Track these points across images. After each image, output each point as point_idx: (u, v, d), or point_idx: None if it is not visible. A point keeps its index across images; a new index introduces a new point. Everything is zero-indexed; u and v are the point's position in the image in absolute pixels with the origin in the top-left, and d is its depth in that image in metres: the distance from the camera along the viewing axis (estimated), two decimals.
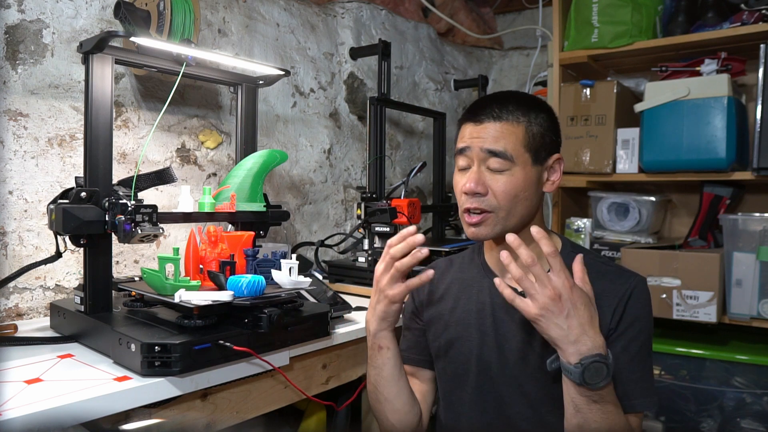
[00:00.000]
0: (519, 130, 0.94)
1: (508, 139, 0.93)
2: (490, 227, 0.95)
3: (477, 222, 0.95)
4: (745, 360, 1.65)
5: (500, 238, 0.95)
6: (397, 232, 1.62)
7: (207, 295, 0.93)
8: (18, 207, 1.21)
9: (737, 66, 1.80)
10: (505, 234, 0.92)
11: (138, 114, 1.41)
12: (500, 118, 0.94)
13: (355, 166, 2.11)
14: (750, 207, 1.98)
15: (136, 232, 1.01)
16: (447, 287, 1.08)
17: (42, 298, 1.25)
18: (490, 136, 0.94)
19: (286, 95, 1.83)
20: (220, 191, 1.25)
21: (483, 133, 0.94)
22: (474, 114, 0.97)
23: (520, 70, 2.83)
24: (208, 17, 1.58)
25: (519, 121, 0.94)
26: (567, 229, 2.03)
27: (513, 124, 0.94)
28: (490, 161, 0.93)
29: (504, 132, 0.93)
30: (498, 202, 0.94)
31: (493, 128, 0.94)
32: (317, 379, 1.21)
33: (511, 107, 0.94)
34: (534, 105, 0.97)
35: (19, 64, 1.21)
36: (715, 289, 1.66)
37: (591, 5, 1.92)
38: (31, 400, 0.76)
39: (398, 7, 2.35)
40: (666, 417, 1.76)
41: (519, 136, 0.94)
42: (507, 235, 0.84)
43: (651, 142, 1.79)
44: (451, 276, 1.09)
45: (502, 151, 0.93)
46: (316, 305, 1.17)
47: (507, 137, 0.93)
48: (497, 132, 0.93)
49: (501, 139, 0.93)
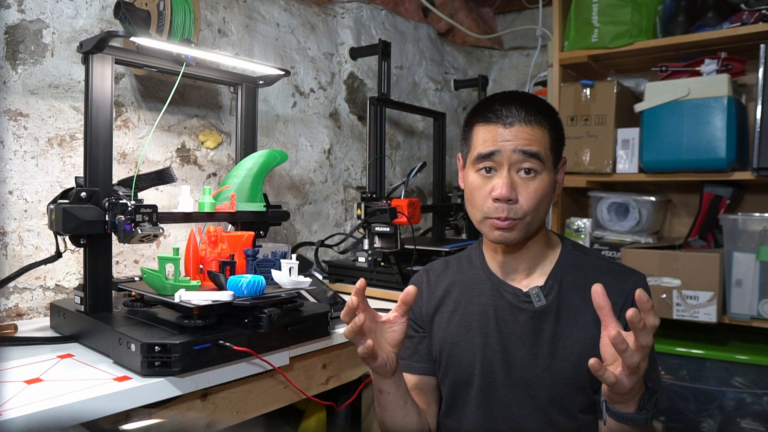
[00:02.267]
0: (545, 134, 0.93)
1: (540, 143, 0.91)
2: (517, 232, 0.93)
3: (507, 227, 0.92)
4: (745, 360, 1.65)
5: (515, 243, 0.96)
6: (397, 232, 1.63)
7: (207, 295, 0.93)
8: (18, 207, 1.21)
9: (737, 66, 1.80)
10: (526, 239, 0.96)
11: (138, 114, 1.41)
12: (529, 122, 0.91)
13: (355, 166, 2.11)
14: (750, 207, 1.98)
15: (136, 232, 1.01)
16: (446, 290, 1.06)
17: (42, 298, 1.25)
18: (522, 139, 0.90)
19: (286, 95, 1.83)
20: (220, 191, 1.25)
21: (513, 135, 0.91)
22: (498, 115, 0.92)
23: (520, 70, 2.83)
24: (208, 17, 1.58)
25: (543, 125, 0.93)
26: (567, 229, 2.03)
27: (540, 128, 0.92)
28: (523, 164, 0.91)
29: (536, 135, 0.91)
30: (526, 210, 0.91)
31: (524, 131, 0.91)
32: (317, 379, 1.21)
33: (535, 111, 0.92)
34: (551, 110, 0.97)
35: (19, 64, 1.21)
36: (715, 289, 1.66)
37: (591, 5, 1.92)
38: (31, 400, 0.76)
39: (398, 7, 2.35)
40: (666, 417, 1.76)
41: (546, 140, 0.93)
42: (595, 287, 0.76)
43: (651, 142, 1.79)
44: (450, 278, 1.07)
45: (538, 152, 0.91)
46: (316, 305, 1.17)
47: (539, 141, 0.91)
48: (530, 135, 0.91)
49: (534, 142, 0.91)
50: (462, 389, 1.01)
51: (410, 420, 0.97)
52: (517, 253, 1.00)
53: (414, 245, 1.68)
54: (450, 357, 1.02)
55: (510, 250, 1.00)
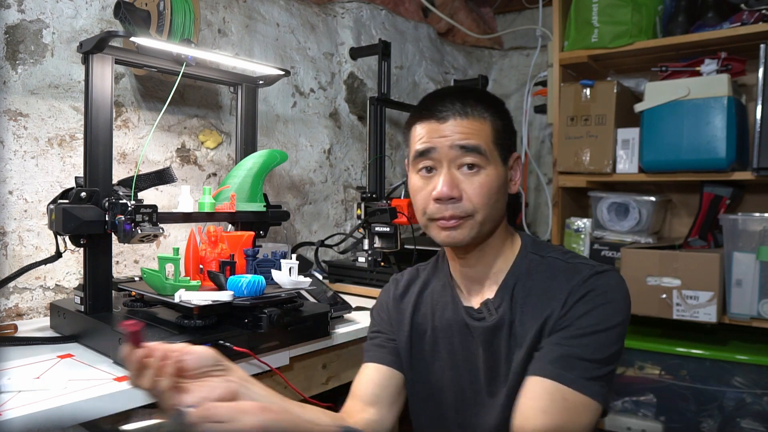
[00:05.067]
0: (486, 126, 0.84)
1: (479, 135, 0.83)
2: (467, 230, 0.84)
3: (454, 225, 0.84)
4: (745, 360, 1.65)
5: (467, 246, 0.88)
6: (397, 232, 1.63)
7: (207, 295, 0.93)
8: (18, 207, 1.21)
9: (737, 66, 1.80)
10: (477, 241, 0.85)
11: (138, 114, 1.41)
12: (465, 114, 0.84)
13: (355, 166, 2.11)
14: (750, 207, 1.98)
15: (136, 232, 1.01)
16: (415, 302, 0.97)
17: (42, 298, 1.25)
18: (458, 133, 0.83)
19: (286, 95, 1.83)
20: (220, 191, 1.25)
21: (449, 130, 0.83)
22: (431, 111, 0.85)
23: (520, 70, 2.83)
24: (208, 17, 1.58)
25: (483, 116, 0.85)
26: (567, 229, 2.03)
27: (479, 120, 0.84)
28: (463, 159, 0.83)
29: (473, 128, 0.83)
30: (474, 206, 0.83)
31: (460, 125, 0.83)
32: (317, 379, 1.21)
33: (472, 102, 0.85)
34: (493, 100, 0.89)
35: (19, 64, 1.21)
36: (715, 289, 1.66)
37: (591, 5, 1.92)
38: (31, 400, 0.76)
39: (398, 7, 2.35)
40: (666, 417, 1.76)
41: (487, 132, 0.84)
42: None
43: (651, 142, 1.79)
44: (418, 288, 0.99)
45: (477, 146, 0.83)
46: (316, 305, 1.17)
47: (477, 133, 0.83)
48: (466, 128, 0.83)
49: (472, 135, 0.83)
50: (433, 407, 0.94)
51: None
52: (473, 260, 0.90)
53: (414, 245, 1.68)
54: (420, 374, 0.94)
55: (466, 259, 0.91)
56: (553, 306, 0.83)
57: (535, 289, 0.86)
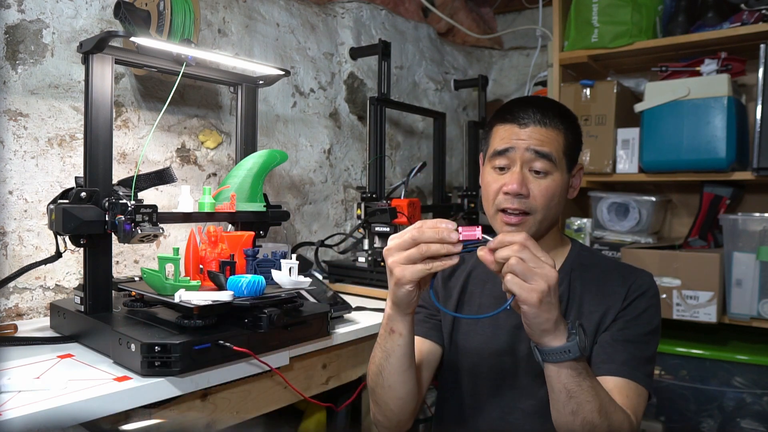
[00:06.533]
0: (560, 137, 0.97)
1: (552, 144, 0.95)
2: (526, 227, 0.96)
3: (516, 222, 0.96)
4: (745, 360, 1.65)
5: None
6: (397, 231, 1.63)
7: (207, 295, 0.93)
8: (18, 207, 1.21)
9: (737, 66, 1.80)
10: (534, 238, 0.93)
11: (138, 114, 1.41)
12: (544, 124, 0.96)
13: (355, 166, 2.11)
14: (750, 207, 1.98)
15: (136, 232, 1.01)
16: (463, 283, 1.08)
17: (42, 298, 1.25)
18: (535, 139, 0.95)
19: (286, 95, 1.83)
20: (220, 191, 1.25)
21: (527, 135, 0.95)
22: (515, 116, 0.97)
23: (520, 70, 2.83)
24: (208, 17, 1.58)
25: (559, 128, 0.97)
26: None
27: (555, 130, 0.96)
28: (534, 164, 0.95)
29: (549, 137, 0.95)
30: (537, 205, 0.95)
31: (538, 132, 0.95)
32: (317, 379, 1.21)
33: (551, 114, 0.97)
34: (569, 114, 1.01)
35: (19, 64, 1.21)
36: (715, 289, 1.66)
37: (591, 5, 1.92)
38: (31, 400, 0.76)
39: (398, 7, 2.35)
40: (666, 417, 1.76)
41: (560, 143, 0.97)
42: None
43: (651, 142, 1.79)
44: (466, 272, 1.09)
45: (549, 154, 0.95)
46: (316, 305, 1.17)
47: (552, 142, 0.95)
48: (543, 136, 0.95)
49: (546, 143, 0.95)
50: (471, 379, 1.03)
51: (408, 387, 0.93)
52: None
53: None
54: (461, 347, 1.04)
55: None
56: (613, 300, 0.96)
57: (594, 279, 1.00)
